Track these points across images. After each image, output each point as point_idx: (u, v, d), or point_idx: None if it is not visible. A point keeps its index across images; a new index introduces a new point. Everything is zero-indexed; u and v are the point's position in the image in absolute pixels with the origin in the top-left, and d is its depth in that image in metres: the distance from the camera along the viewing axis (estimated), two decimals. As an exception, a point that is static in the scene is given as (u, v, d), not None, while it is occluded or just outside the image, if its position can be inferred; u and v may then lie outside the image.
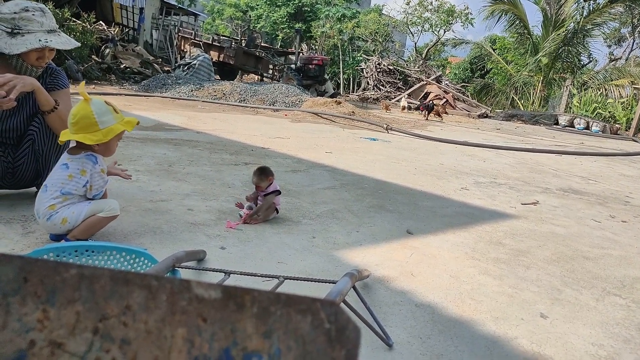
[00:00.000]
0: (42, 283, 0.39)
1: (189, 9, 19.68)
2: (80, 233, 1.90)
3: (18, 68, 2.10)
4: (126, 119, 1.97)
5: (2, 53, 2.05)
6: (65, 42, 2.15)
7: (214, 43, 14.72)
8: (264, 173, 2.45)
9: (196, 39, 15.54)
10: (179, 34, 16.17)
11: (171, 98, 9.11)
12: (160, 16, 16.39)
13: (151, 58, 13.59)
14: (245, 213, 2.46)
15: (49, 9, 2.26)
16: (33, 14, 2.05)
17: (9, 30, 2.02)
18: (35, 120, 2.23)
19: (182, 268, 1.59)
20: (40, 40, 2.04)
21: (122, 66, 12.15)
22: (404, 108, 13.74)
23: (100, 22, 13.12)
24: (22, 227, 2.03)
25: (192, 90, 9.88)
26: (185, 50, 15.79)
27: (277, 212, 2.54)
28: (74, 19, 11.18)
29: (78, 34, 10.54)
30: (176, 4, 18.52)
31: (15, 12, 2.02)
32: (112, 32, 13.13)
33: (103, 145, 1.91)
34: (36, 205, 1.89)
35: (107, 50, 12.19)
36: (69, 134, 1.87)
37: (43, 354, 0.38)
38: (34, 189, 2.40)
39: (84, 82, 1.98)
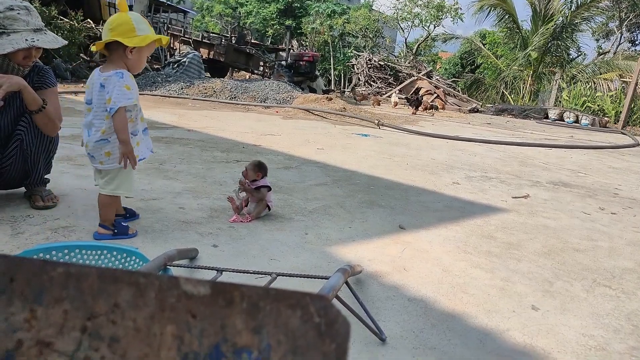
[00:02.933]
0: (29, 283, 0.39)
1: (178, 6, 19.55)
2: (104, 217, 2.05)
3: (4, 67, 2.08)
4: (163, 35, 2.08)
5: None
6: (52, 40, 2.12)
7: (203, 40, 14.62)
8: (258, 167, 2.45)
9: (186, 36, 15.42)
10: (168, 31, 16.05)
11: (161, 96, 9.05)
12: (149, 13, 16.26)
13: (140, 56, 13.47)
14: (242, 199, 2.46)
15: (35, 7, 2.23)
16: (18, 13, 2.02)
17: None
18: (22, 120, 2.20)
19: (174, 266, 1.58)
20: (26, 39, 2.02)
21: (111, 64, 12.03)
22: (396, 104, 13.75)
23: (88, 20, 12.99)
24: (11, 227, 2.01)
25: (182, 88, 9.82)
26: (174, 48, 15.67)
27: (270, 209, 2.54)
28: (61, 17, 11.06)
29: (66, 32, 10.43)
30: (165, 1, 18.38)
31: (0, 12, 1.99)
32: (101, 30, 13.01)
33: (136, 55, 1.97)
34: (86, 124, 2.00)
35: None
36: (103, 42, 1.94)
37: (31, 353, 0.38)
38: (22, 189, 2.38)
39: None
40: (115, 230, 2.04)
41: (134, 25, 1.91)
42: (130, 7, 15.10)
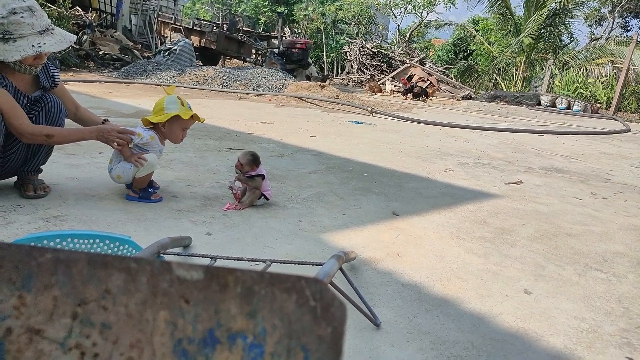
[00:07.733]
0: (17, 268, 0.38)
1: (168, -7, 19.24)
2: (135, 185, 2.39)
3: (17, 68, 2.07)
4: (192, 112, 2.39)
5: None
6: (59, 41, 2.09)
7: (194, 28, 14.44)
8: (253, 161, 2.42)
9: (176, 23, 15.23)
10: (159, 18, 15.83)
11: (152, 84, 8.95)
12: (139, 1, 16.01)
13: (130, 44, 13.30)
14: (236, 191, 2.46)
15: None
16: (22, 17, 1.97)
17: (0, 35, 1.95)
18: (33, 110, 2.21)
19: (167, 254, 1.57)
20: (32, 45, 2.00)
21: (100, 52, 11.87)
22: (392, 92, 13.69)
23: (77, 7, 12.77)
24: (1, 217, 1.98)
25: (173, 76, 9.71)
26: (165, 36, 15.48)
27: (268, 199, 2.51)
28: (49, 4, 10.86)
29: (54, 20, 10.25)
30: (155, -13, 18.08)
31: (3, 17, 1.94)
32: (90, 18, 12.80)
33: (168, 128, 2.37)
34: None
35: (85, 37, 11.88)
36: (148, 121, 2.38)
37: (21, 341, 0.37)
38: (14, 179, 2.36)
39: (174, 86, 2.52)
40: (140, 195, 2.39)
41: (164, 106, 2.34)
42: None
